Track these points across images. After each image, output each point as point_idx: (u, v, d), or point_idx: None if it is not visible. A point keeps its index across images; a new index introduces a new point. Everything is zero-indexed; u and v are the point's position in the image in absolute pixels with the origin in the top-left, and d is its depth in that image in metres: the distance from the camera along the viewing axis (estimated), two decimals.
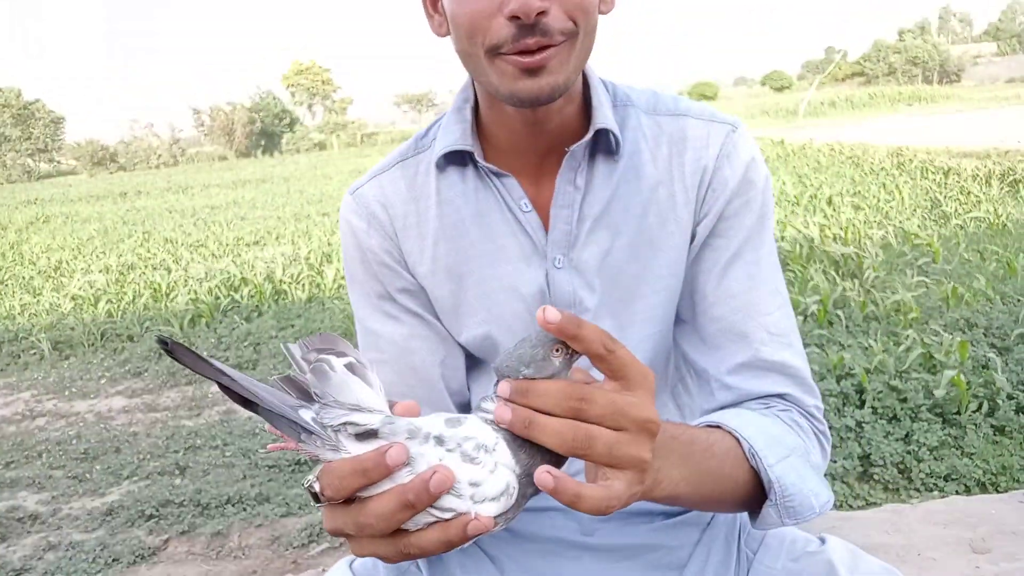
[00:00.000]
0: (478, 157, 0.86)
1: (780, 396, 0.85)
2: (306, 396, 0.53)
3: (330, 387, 0.52)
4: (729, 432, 0.75)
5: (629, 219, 0.86)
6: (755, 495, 0.75)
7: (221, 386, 0.51)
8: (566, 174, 0.85)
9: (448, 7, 0.79)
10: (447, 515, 0.52)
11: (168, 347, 0.49)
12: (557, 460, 0.55)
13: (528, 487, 0.54)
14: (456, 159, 0.88)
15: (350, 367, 0.54)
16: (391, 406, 0.56)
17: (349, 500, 0.53)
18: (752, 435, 0.75)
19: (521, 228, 0.87)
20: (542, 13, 0.72)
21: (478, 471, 0.52)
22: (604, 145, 0.86)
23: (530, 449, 0.54)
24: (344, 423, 0.52)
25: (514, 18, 0.72)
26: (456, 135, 0.86)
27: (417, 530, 0.53)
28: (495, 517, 0.53)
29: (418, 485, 0.50)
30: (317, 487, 0.53)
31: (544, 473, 0.52)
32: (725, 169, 0.86)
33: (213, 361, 0.50)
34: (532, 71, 0.75)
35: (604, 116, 0.84)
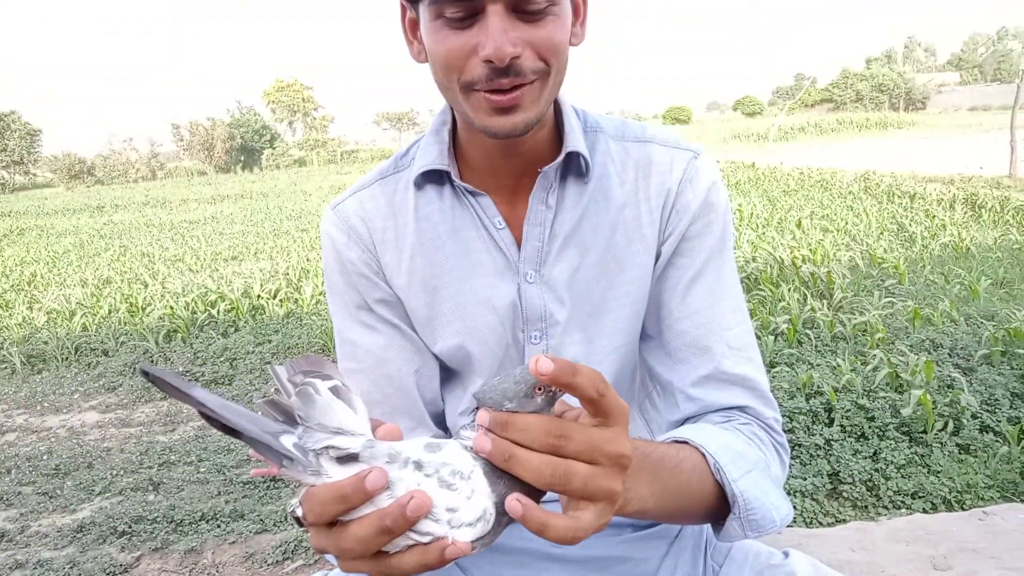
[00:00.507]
0: (454, 176, 0.90)
1: (741, 408, 0.88)
2: (291, 419, 0.53)
3: (314, 410, 0.53)
4: (696, 448, 0.77)
5: (598, 238, 0.90)
6: (719, 508, 0.78)
7: (202, 413, 0.50)
8: (539, 194, 0.89)
9: (426, 41, 0.82)
10: (425, 539, 0.53)
11: (150, 378, 0.49)
12: (533, 490, 0.56)
13: (504, 514, 0.55)
14: (434, 178, 0.92)
15: (335, 390, 0.55)
16: (374, 429, 0.57)
17: (331, 523, 0.55)
18: (717, 450, 0.77)
19: (495, 244, 0.91)
20: (515, 57, 0.76)
21: (455, 497, 0.53)
22: (575, 167, 0.90)
23: (507, 479, 0.55)
24: (325, 447, 0.52)
25: (488, 61, 0.76)
26: (434, 155, 0.91)
27: (397, 552, 0.54)
28: (472, 542, 0.53)
29: (395, 510, 0.51)
30: (300, 512, 0.54)
31: (514, 501, 0.53)
32: (688, 193, 0.90)
33: (194, 391, 0.50)
34: (505, 110, 0.79)
35: (575, 140, 0.88)
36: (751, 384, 0.88)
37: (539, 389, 0.56)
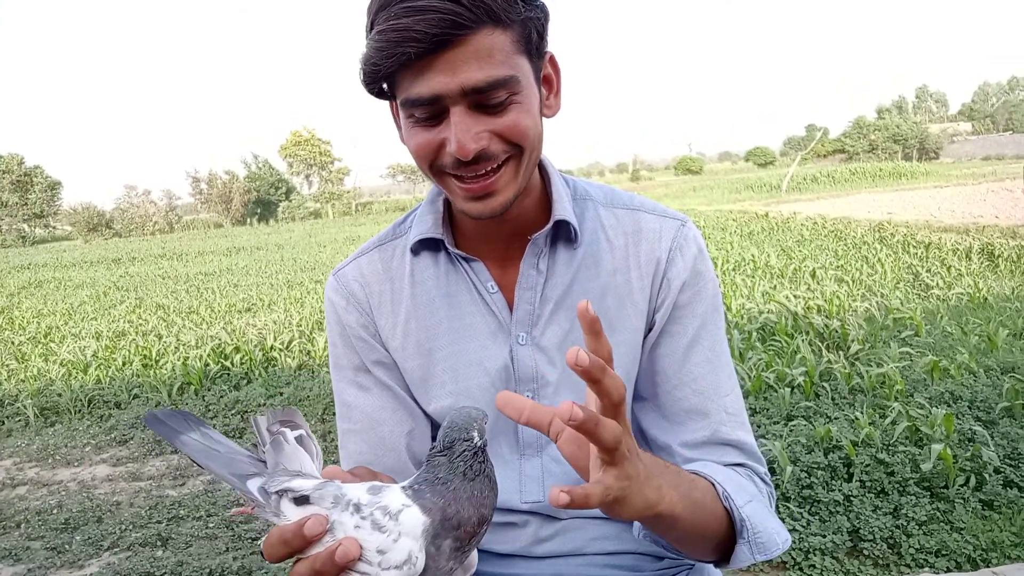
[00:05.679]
0: (448, 244, 0.94)
1: (736, 466, 0.92)
2: (263, 464, 0.64)
3: (282, 457, 0.63)
4: (704, 477, 0.82)
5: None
6: (727, 535, 0.82)
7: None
8: (529, 260, 0.93)
9: (403, 134, 0.86)
10: None
11: (152, 426, 0.61)
12: (480, 510, 0.60)
13: (443, 537, 0.59)
14: (429, 244, 0.96)
15: (300, 439, 0.65)
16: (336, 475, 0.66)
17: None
18: (723, 480, 0.82)
19: (488, 308, 0.94)
20: (480, 150, 0.79)
21: (384, 539, 0.58)
22: (564, 234, 0.94)
23: (442, 521, 0.59)
24: (283, 489, 0.61)
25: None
26: (428, 224, 0.95)
27: None
28: None
29: (325, 556, 0.57)
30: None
31: (558, 492, 0.55)
32: (677, 261, 0.94)
33: (181, 440, 0.61)
34: (479, 197, 0.83)
35: (563, 208, 0.92)
36: (746, 447, 0.93)
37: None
